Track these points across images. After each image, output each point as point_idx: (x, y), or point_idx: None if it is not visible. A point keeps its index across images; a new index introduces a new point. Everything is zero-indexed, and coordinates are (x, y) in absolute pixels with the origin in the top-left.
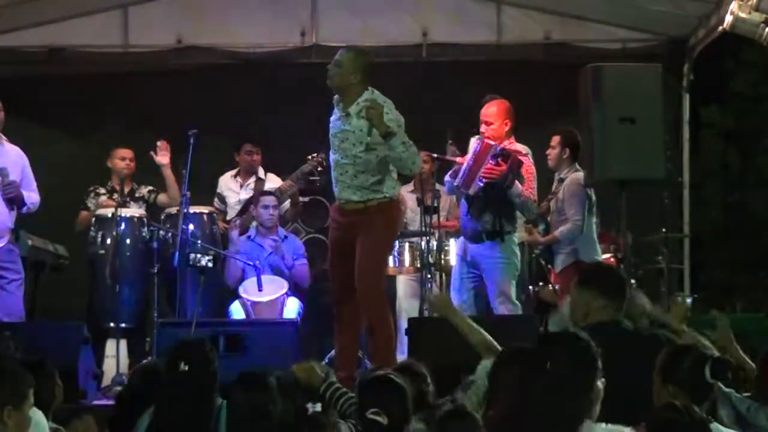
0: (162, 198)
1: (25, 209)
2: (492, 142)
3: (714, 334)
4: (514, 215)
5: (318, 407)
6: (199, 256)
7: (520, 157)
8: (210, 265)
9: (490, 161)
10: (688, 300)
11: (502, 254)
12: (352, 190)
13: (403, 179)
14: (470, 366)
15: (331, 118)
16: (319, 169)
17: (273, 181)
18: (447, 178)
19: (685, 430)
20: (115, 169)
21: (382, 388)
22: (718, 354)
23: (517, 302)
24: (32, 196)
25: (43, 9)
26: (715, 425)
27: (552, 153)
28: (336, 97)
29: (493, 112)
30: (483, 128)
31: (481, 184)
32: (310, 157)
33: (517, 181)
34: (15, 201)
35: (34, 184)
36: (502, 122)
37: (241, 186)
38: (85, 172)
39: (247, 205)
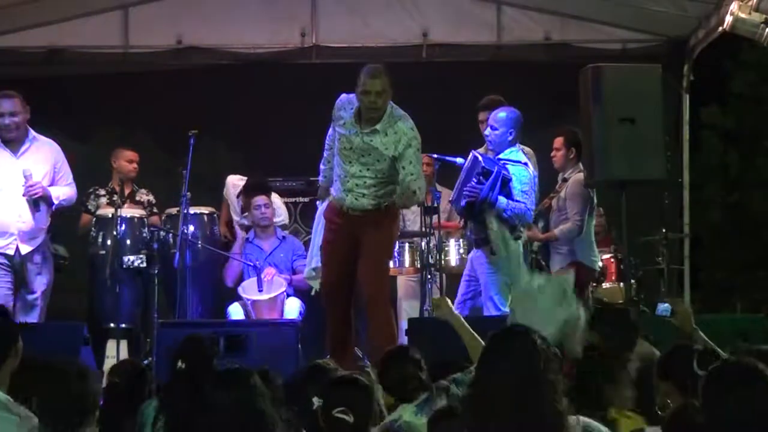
0: (154, 219)
1: (55, 206)
2: (480, 157)
3: (675, 320)
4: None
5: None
6: (131, 258)
7: (518, 167)
8: (143, 266)
9: (473, 179)
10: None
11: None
12: (367, 199)
13: None
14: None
15: (342, 131)
16: None
17: (276, 203)
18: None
19: (701, 429)
20: (120, 171)
21: (349, 388)
22: (702, 347)
23: (506, 309)
24: (64, 191)
25: (43, 9)
26: None
27: (557, 155)
28: (344, 110)
29: (501, 118)
30: (487, 131)
31: (463, 204)
32: None
33: (500, 197)
34: (42, 200)
35: (70, 178)
36: (507, 130)
37: (242, 211)
38: (85, 172)
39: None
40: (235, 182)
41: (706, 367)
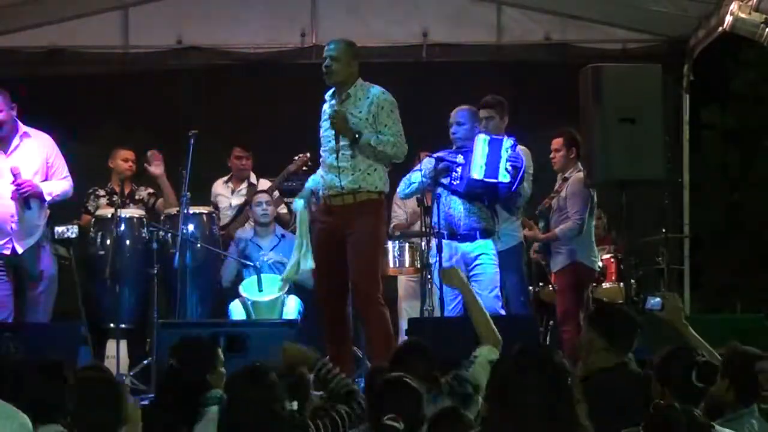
0: (161, 204)
1: (48, 202)
2: (501, 137)
3: (664, 314)
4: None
5: (295, 405)
6: (62, 229)
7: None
8: (74, 236)
9: (511, 149)
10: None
11: (494, 251)
12: (346, 174)
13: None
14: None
15: (324, 118)
16: (305, 168)
17: (265, 186)
18: (409, 179)
19: (679, 429)
20: (117, 170)
21: (398, 393)
22: (706, 357)
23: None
24: (58, 185)
25: (43, 9)
26: (718, 428)
27: (557, 156)
28: (330, 92)
29: (465, 114)
30: (454, 129)
31: (511, 171)
32: (296, 157)
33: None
34: (34, 197)
35: (65, 171)
36: (472, 124)
37: (233, 192)
38: (85, 172)
39: (241, 209)
40: (222, 180)
41: (706, 381)
